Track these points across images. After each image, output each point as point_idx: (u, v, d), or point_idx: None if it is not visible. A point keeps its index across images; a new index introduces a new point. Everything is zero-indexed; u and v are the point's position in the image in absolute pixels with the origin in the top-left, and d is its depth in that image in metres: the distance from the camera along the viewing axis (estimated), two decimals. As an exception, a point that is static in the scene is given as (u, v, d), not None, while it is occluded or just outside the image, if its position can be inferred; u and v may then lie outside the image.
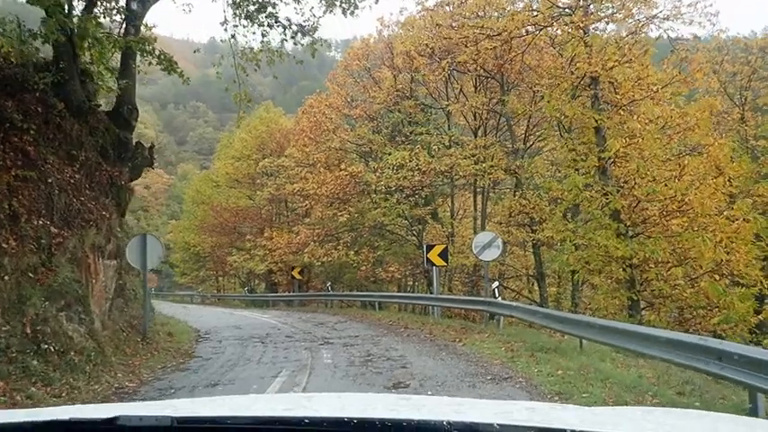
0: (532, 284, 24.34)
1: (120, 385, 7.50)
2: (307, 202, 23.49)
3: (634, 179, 12.14)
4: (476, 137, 20.91)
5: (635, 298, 12.27)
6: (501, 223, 22.24)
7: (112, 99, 10.92)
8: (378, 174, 19.12)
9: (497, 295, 11.84)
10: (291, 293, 28.15)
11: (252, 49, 13.07)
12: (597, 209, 12.17)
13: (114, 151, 9.87)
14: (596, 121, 12.89)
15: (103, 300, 9.33)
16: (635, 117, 12.36)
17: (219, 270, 36.91)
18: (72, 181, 8.66)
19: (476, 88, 21.42)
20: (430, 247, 15.45)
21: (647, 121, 12.19)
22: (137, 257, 10.87)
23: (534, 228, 18.57)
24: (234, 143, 37.33)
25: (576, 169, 16.90)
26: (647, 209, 12.48)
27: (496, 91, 20.64)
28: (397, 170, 18.88)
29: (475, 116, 22.19)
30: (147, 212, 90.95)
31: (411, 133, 20.46)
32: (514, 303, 10.59)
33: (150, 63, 9.93)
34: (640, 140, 12.00)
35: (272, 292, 32.07)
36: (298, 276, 26.05)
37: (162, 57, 9.49)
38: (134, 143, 10.44)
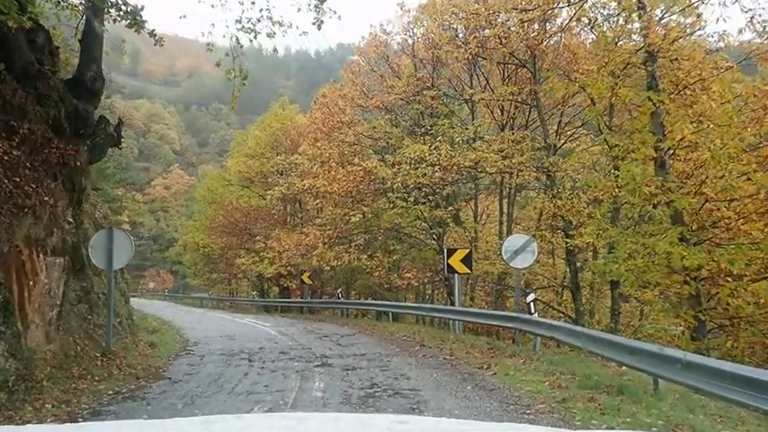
0: (562, 295, 22.15)
1: (40, 421, 5.68)
2: (318, 200, 21.68)
3: (704, 173, 9.96)
4: (503, 132, 18.85)
5: (702, 318, 10.05)
6: (529, 228, 20.11)
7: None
8: (395, 169, 17.17)
9: (533, 311, 9.77)
10: (300, 299, 26.38)
11: (249, 19, 11.29)
12: (658, 209, 10.03)
13: (71, 126, 8.12)
14: (654, 104, 10.75)
15: (47, 306, 7.54)
16: (705, 97, 10.19)
17: (229, 273, 35.32)
18: (6, 158, 6.91)
19: (503, 79, 19.39)
20: (451, 252, 13.43)
21: (721, 102, 10.00)
22: (101, 255, 9.12)
23: (570, 232, 16.44)
24: (248, 141, 35.92)
25: (621, 159, 14.78)
26: (717, 209, 10.28)
27: (526, 82, 18.58)
28: (415, 165, 16.91)
29: (502, 110, 20.18)
30: (167, 213, 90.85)
31: (432, 126, 18.49)
32: (556, 322, 8.56)
33: (115, 20, 8.18)
34: (712, 126, 9.82)
35: (285, 297, 30.34)
36: (308, 281, 24.22)
37: (125, 9, 7.72)
38: (97, 117, 8.67)
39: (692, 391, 5.87)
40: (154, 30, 8.73)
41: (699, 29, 10.36)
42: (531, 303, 9.90)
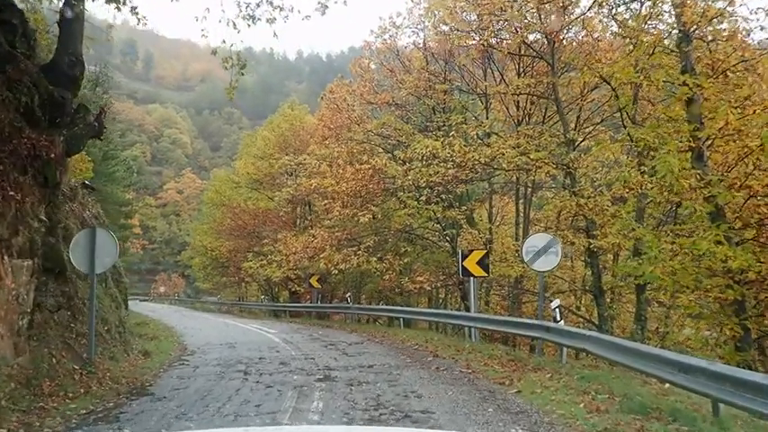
0: (580, 299, 21.06)
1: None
2: (326, 201, 20.84)
3: (749, 164, 8.91)
4: (518, 129, 17.87)
5: (748, 326, 8.99)
6: (549, 228, 19.06)
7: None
8: (405, 167, 16.26)
9: (559, 318, 8.79)
10: (307, 304, 25.57)
11: (249, 4, 10.49)
12: (699, 204, 9.00)
13: (45, 114, 7.33)
14: (690, 88, 9.73)
15: (15, 315, 6.74)
16: (750, 79, 9.14)
17: (237, 276, 34.61)
18: (-35, 148, 6.14)
19: (519, 74, 18.44)
20: (467, 254, 12.47)
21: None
22: (82, 257, 8.32)
23: (593, 232, 15.41)
24: (256, 142, 35.28)
25: (646, 154, 13.81)
26: (765, 204, 9.21)
27: (543, 76, 17.59)
28: (427, 162, 15.99)
29: (517, 106, 19.20)
30: (179, 217, 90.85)
31: (445, 122, 17.55)
32: (587, 332, 7.57)
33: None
34: (758, 110, 8.78)
35: (295, 301, 29.54)
36: (316, 285, 23.35)
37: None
38: (76, 106, 7.88)
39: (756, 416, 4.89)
40: (136, 7, 7.96)
41: (736, 6, 9.31)
42: (557, 310, 8.91)
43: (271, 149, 31.90)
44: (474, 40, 17.19)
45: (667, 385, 6.44)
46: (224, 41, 10.38)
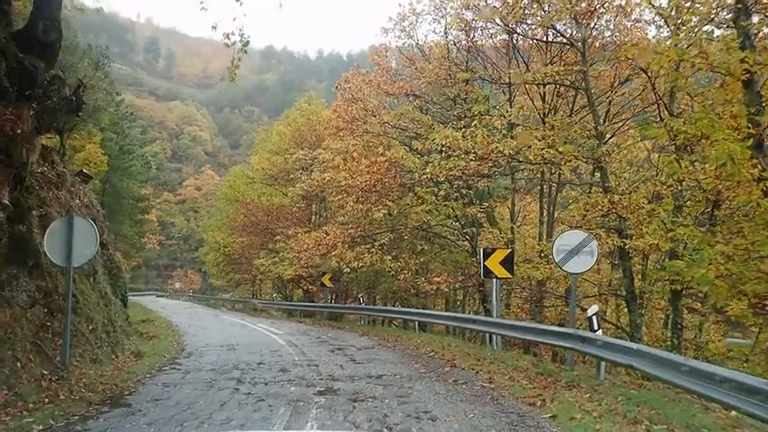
0: (606, 303, 19.76)
1: None
2: (339, 196, 19.86)
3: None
4: (544, 123, 16.66)
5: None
6: (580, 227, 17.80)
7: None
8: (423, 159, 15.18)
9: (596, 327, 7.63)
10: (318, 304, 24.67)
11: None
12: (757, 197, 7.77)
13: (14, 85, 6.45)
14: (750, 67, 8.48)
15: (-31, 312, 5.86)
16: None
17: (249, 273, 33.88)
18: None
19: (546, 63, 17.22)
20: (489, 253, 11.34)
21: None
22: (58, 248, 7.43)
23: (625, 232, 14.19)
24: (272, 137, 34.55)
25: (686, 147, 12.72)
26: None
27: (572, 65, 16.35)
28: (447, 154, 14.87)
29: (543, 98, 17.96)
30: (198, 213, 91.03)
31: (466, 113, 16.43)
32: (633, 345, 6.38)
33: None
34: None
35: (309, 300, 28.67)
36: (328, 284, 22.39)
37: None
38: (50, 77, 6.99)
39: None
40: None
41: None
42: (593, 317, 7.76)
43: (286, 144, 31.12)
44: (498, 26, 16.07)
45: (734, 413, 5.30)
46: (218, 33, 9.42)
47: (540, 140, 14.34)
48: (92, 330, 9.08)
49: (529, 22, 16.31)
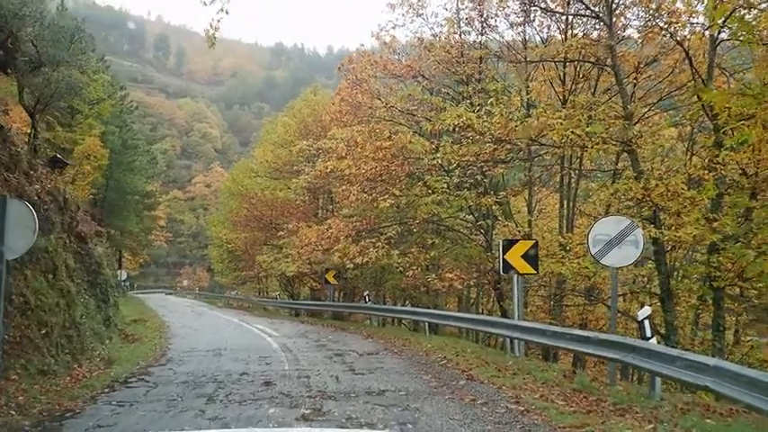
0: (631, 301, 18.14)
1: None
2: (344, 186, 18.48)
3: None
4: (564, 105, 15.11)
5: None
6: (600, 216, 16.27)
7: None
8: (433, 142, 13.71)
9: (649, 334, 6.14)
10: (321, 302, 23.34)
11: None
12: None
13: None
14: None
15: None
16: None
17: (253, 270, 32.63)
18: None
19: (566, 36, 15.71)
20: (509, 245, 9.86)
21: None
22: (-14, 239, 6.09)
23: (661, 223, 12.65)
24: (276, 128, 33.25)
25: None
26: None
27: (594, 38, 14.84)
28: (459, 138, 13.39)
29: (563, 80, 16.40)
30: (207, 210, 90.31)
31: (479, 92, 14.92)
32: (708, 359, 4.89)
33: None
34: None
35: (315, 299, 27.33)
36: (332, 281, 21.05)
37: None
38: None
39: None
40: None
41: None
42: (646, 321, 6.28)
43: (291, 136, 29.77)
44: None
45: None
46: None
47: (563, 120, 12.80)
48: (45, 336, 7.74)
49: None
